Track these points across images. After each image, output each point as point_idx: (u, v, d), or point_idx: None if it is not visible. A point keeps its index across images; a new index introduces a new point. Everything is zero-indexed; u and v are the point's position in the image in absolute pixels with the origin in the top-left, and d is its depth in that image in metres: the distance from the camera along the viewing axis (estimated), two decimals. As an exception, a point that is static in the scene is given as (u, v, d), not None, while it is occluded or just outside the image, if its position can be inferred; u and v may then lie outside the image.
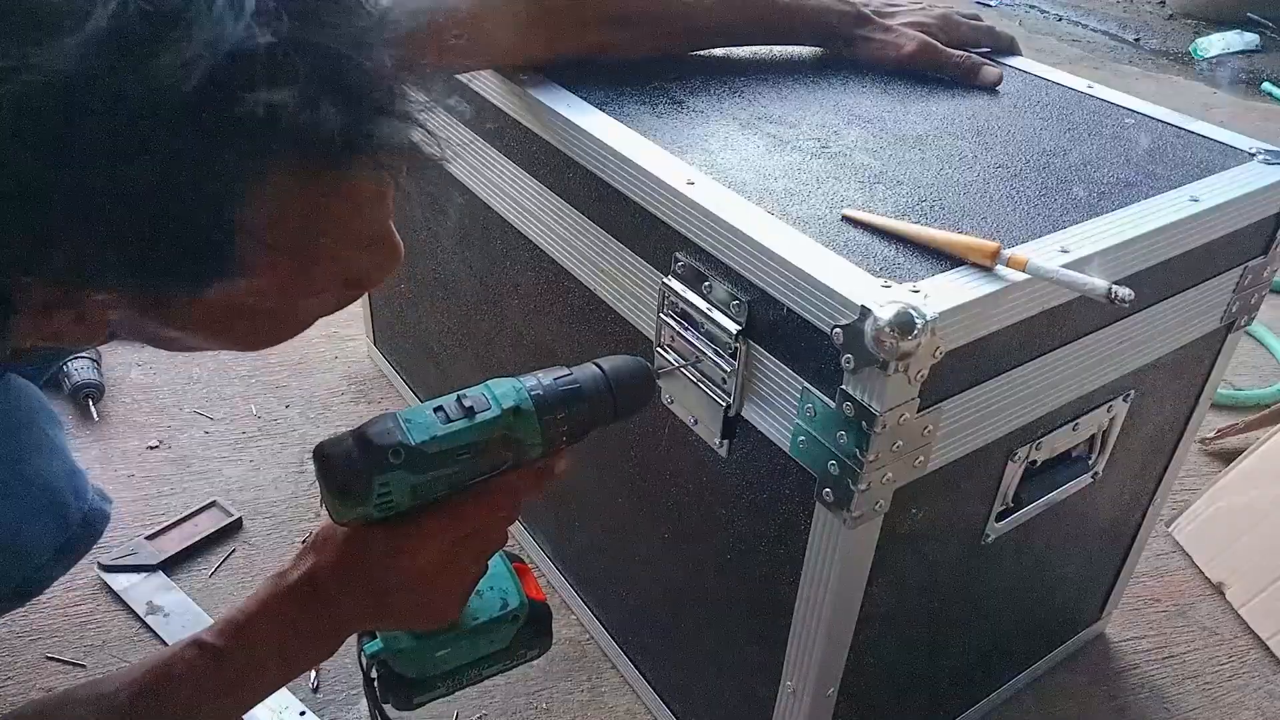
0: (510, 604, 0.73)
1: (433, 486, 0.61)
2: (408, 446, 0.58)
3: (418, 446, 0.59)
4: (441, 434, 0.60)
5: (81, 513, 0.81)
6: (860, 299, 0.64)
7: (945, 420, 0.72)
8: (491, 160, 1.02)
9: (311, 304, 0.57)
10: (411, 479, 0.59)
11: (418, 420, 0.60)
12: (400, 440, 0.58)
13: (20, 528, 0.76)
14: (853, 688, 0.85)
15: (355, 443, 0.59)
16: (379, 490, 0.58)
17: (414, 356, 1.47)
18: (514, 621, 0.73)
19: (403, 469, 0.58)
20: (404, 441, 0.58)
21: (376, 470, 0.58)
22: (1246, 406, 1.66)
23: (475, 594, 0.71)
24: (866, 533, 0.74)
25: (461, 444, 0.60)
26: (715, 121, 0.90)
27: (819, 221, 0.75)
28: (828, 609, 0.77)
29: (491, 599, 0.72)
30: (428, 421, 0.60)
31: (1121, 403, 0.91)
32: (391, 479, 0.58)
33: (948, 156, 0.86)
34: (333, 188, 0.50)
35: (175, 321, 0.52)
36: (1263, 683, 1.21)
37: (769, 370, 0.74)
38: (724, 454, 0.82)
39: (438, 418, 0.60)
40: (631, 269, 0.85)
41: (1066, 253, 0.72)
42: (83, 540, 0.83)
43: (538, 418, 0.63)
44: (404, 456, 0.58)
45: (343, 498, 0.59)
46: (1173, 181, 0.84)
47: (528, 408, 0.63)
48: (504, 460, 0.63)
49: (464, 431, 0.60)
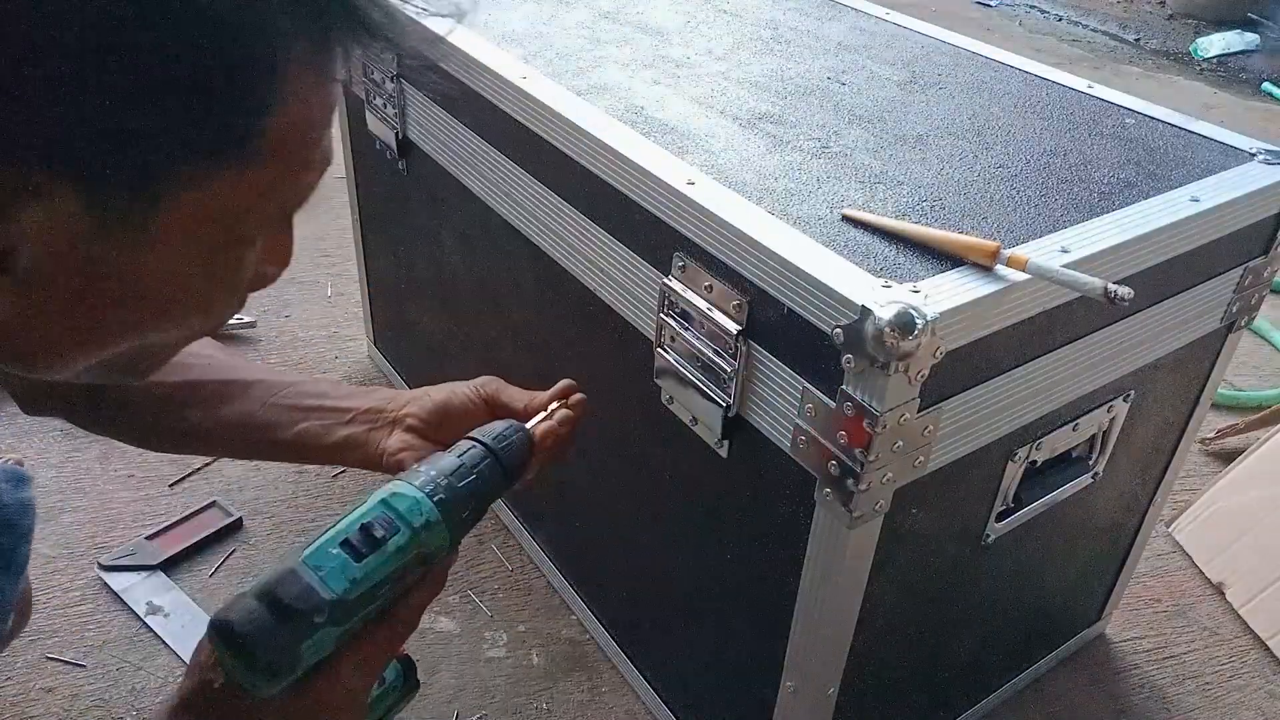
0: (388, 678, 0.69)
1: (354, 628, 0.57)
2: (330, 602, 0.54)
3: (339, 598, 0.54)
4: (360, 575, 0.55)
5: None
6: (861, 299, 0.64)
7: (945, 420, 0.72)
8: (492, 160, 1.02)
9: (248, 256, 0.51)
10: (336, 632, 0.55)
11: (328, 566, 0.55)
12: (321, 599, 0.53)
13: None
14: (853, 687, 0.85)
15: (269, 611, 0.52)
16: (307, 656, 0.54)
17: (414, 356, 1.47)
18: (392, 692, 0.70)
19: (328, 625, 0.54)
20: (324, 599, 0.53)
21: (301, 638, 0.53)
22: (1246, 406, 1.67)
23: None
24: (867, 533, 0.74)
25: (380, 578, 0.56)
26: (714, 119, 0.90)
27: (819, 221, 0.75)
28: (828, 609, 0.77)
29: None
30: (340, 565, 0.55)
31: (1122, 403, 0.91)
32: (318, 639, 0.54)
33: (948, 157, 0.86)
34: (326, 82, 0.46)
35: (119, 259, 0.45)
36: (1263, 683, 1.21)
37: (769, 370, 0.74)
38: (724, 454, 0.82)
39: (346, 554, 0.56)
40: (631, 269, 0.85)
41: (1067, 252, 0.72)
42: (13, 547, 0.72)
43: (446, 526, 0.60)
44: (328, 613, 0.53)
45: (269, 676, 0.53)
46: (1173, 181, 0.84)
47: (436, 519, 0.59)
48: (416, 576, 0.60)
49: (381, 566, 0.57)
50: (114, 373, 0.54)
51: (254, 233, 0.50)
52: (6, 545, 0.71)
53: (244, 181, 0.45)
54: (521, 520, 1.29)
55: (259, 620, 0.52)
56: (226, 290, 0.51)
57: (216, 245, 0.48)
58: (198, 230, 0.45)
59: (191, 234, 0.45)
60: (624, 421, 0.94)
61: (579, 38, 1.08)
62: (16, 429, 1.44)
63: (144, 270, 0.46)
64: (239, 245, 0.49)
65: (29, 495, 0.74)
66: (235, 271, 0.51)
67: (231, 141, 0.43)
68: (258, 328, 1.69)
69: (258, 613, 0.52)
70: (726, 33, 1.13)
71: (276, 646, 0.52)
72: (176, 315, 0.50)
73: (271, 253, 0.53)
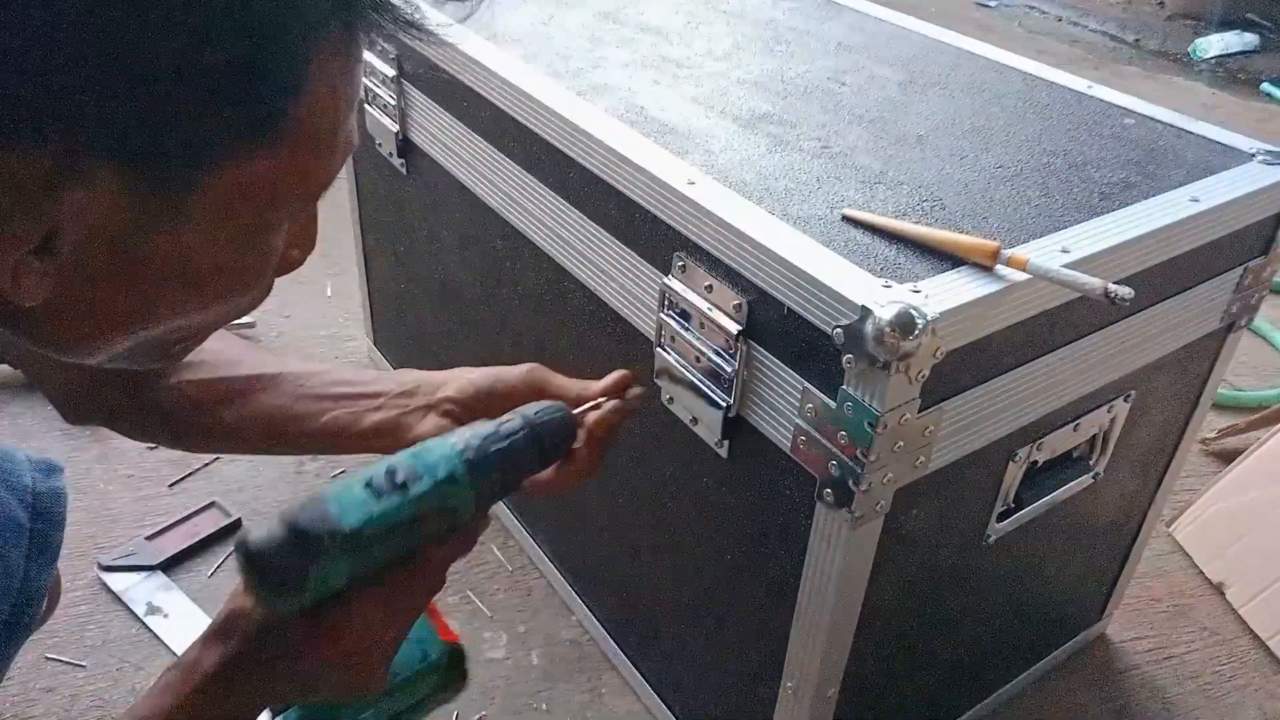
0: (430, 654, 0.69)
1: (368, 565, 0.58)
2: (343, 533, 0.55)
3: (353, 531, 0.56)
4: (376, 514, 0.57)
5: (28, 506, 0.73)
6: (861, 299, 0.64)
7: (946, 420, 0.72)
8: (491, 159, 1.02)
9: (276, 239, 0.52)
10: (347, 564, 0.56)
11: (348, 500, 0.57)
12: (334, 526, 0.55)
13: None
14: (854, 688, 0.85)
15: (285, 532, 0.55)
16: (315, 581, 0.55)
17: (415, 357, 1.47)
18: (435, 671, 0.70)
19: (339, 554, 0.55)
20: (338, 528, 0.55)
21: (312, 561, 0.55)
22: (1246, 406, 1.67)
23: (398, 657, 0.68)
24: (868, 533, 0.74)
25: (397, 521, 0.57)
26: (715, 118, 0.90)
27: (820, 221, 0.75)
28: (829, 609, 0.77)
29: (410, 652, 0.69)
30: (359, 500, 0.57)
31: (1122, 403, 0.90)
32: (328, 567, 0.55)
33: (948, 157, 0.86)
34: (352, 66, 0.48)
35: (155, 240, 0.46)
36: (1263, 683, 1.21)
37: (769, 370, 0.74)
38: (724, 454, 0.82)
39: (369, 495, 0.57)
40: (631, 269, 0.85)
41: (1067, 253, 0.72)
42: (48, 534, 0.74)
43: (471, 483, 0.61)
44: (339, 542, 0.55)
45: (277, 592, 0.55)
46: (1173, 182, 0.84)
47: (461, 475, 0.60)
48: (439, 530, 0.60)
49: (399, 508, 0.58)
50: (145, 358, 0.55)
51: (283, 215, 0.51)
52: (40, 532, 0.73)
53: (274, 163, 0.46)
54: (521, 521, 1.29)
55: (273, 537, 0.54)
56: (256, 272, 0.53)
57: (248, 226, 0.49)
58: (230, 211, 0.47)
59: (224, 215, 0.47)
60: (626, 422, 0.94)
61: (579, 38, 1.08)
62: (18, 430, 1.44)
63: (178, 252, 0.47)
64: (269, 227, 0.51)
65: (61, 484, 0.76)
66: (265, 253, 0.52)
67: (263, 124, 0.44)
68: (257, 328, 1.69)
69: (274, 532, 0.54)
70: (726, 33, 1.13)
71: (285, 564, 0.54)
72: (208, 297, 0.51)
73: (298, 236, 0.55)
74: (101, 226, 0.43)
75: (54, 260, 0.44)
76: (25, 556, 0.72)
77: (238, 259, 0.50)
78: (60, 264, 0.44)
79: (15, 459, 0.75)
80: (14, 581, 0.71)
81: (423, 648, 0.70)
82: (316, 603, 0.57)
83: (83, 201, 0.42)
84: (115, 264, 0.46)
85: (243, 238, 0.49)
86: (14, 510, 0.72)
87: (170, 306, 0.50)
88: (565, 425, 0.67)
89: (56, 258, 0.44)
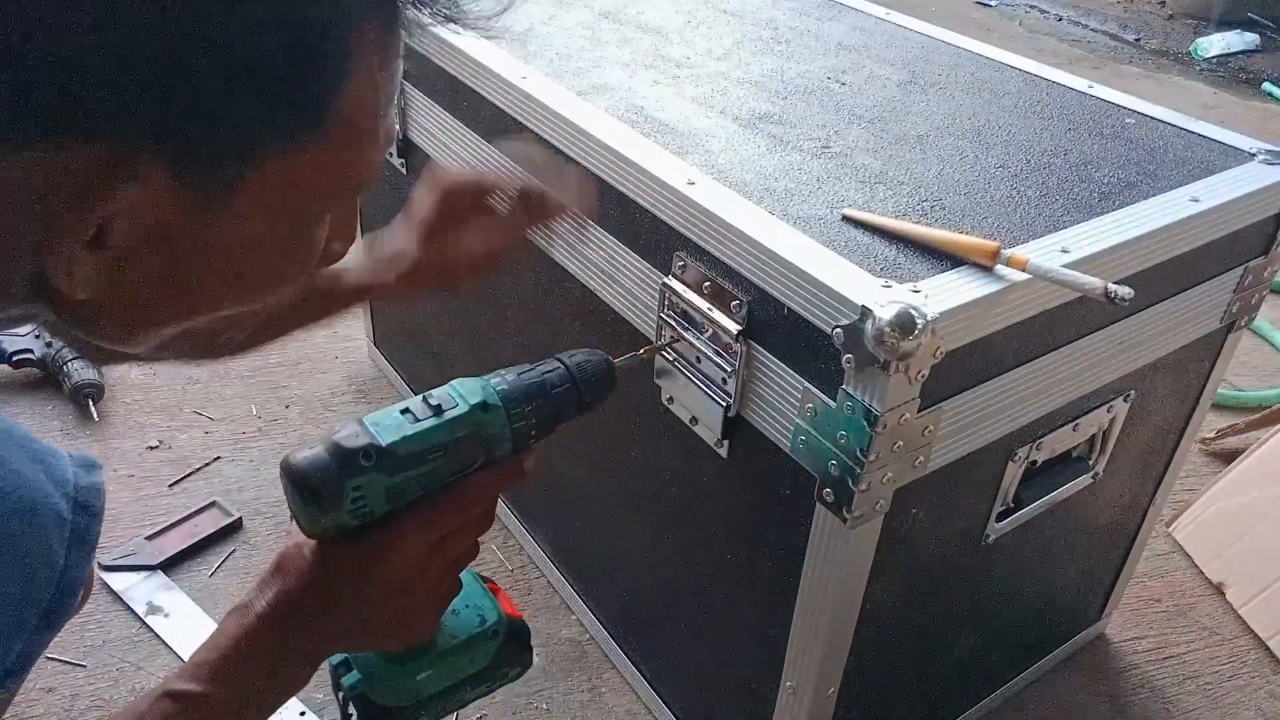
0: (488, 619, 0.71)
1: (406, 488, 0.60)
2: (378, 448, 0.58)
3: (389, 448, 0.58)
4: (411, 434, 0.59)
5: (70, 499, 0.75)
6: (861, 299, 0.64)
7: (946, 420, 0.72)
8: (492, 160, 1.02)
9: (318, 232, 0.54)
10: (385, 481, 0.58)
11: (386, 423, 0.60)
12: (370, 442, 0.58)
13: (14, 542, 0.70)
14: (853, 688, 0.85)
15: (325, 450, 0.58)
16: (352, 495, 0.57)
17: (414, 357, 1.47)
18: (493, 638, 0.71)
19: (375, 471, 0.57)
20: (374, 443, 0.58)
21: (348, 475, 0.57)
22: (1246, 406, 1.66)
23: (451, 613, 0.70)
24: (867, 533, 0.74)
25: (433, 443, 0.60)
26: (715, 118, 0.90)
27: (820, 222, 0.75)
28: (828, 609, 0.77)
29: (468, 616, 0.71)
30: (396, 423, 0.59)
31: (1122, 403, 0.90)
32: (364, 482, 0.57)
33: (948, 157, 0.86)
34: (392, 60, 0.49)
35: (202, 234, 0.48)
36: (1263, 683, 1.21)
37: (769, 370, 0.74)
38: (724, 454, 0.82)
39: (405, 419, 0.60)
40: (632, 269, 0.85)
41: (1067, 253, 0.72)
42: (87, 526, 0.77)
43: (505, 412, 0.63)
44: (375, 459, 0.57)
45: (316, 505, 0.57)
46: (1173, 181, 0.84)
47: (495, 402, 0.63)
48: (475, 458, 0.63)
49: (434, 430, 0.60)
50: (192, 350, 0.58)
51: (326, 207, 0.53)
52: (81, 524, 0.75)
53: (318, 157, 0.48)
54: (521, 520, 1.29)
55: (313, 456, 0.57)
56: (301, 265, 0.54)
57: (292, 219, 0.50)
58: (276, 205, 0.48)
59: (270, 208, 0.48)
60: (624, 421, 0.94)
61: (579, 37, 1.08)
62: (17, 429, 1.44)
63: (225, 244, 0.48)
64: (313, 220, 0.52)
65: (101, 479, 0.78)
66: (309, 246, 0.54)
67: (308, 117, 0.46)
68: (258, 328, 1.69)
69: (315, 451, 0.57)
70: (726, 32, 1.13)
71: (323, 478, 0.56)
72: (254, 289, 0.53)
73: (339, 229, 0.56)
74: (151, 220, 0.45)
75: (105, 254, 0.45)
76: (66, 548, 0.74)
77: (283, 251, 0.52)
78: (111, 257, 0.45)
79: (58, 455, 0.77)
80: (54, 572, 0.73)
81: (481, 614, 0.71)
82: (360, 527, 0.59)
83: (134, 195, 0.43)
84: (164, 257, 0.47)
85: (288, 230, 0.51)
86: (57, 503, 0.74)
87: (216, 298, 0.52)
88: (602, 367, 0.69)
89: (108, 251, 0.45)
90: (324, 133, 0.47)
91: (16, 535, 0.71)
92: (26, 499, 0.72)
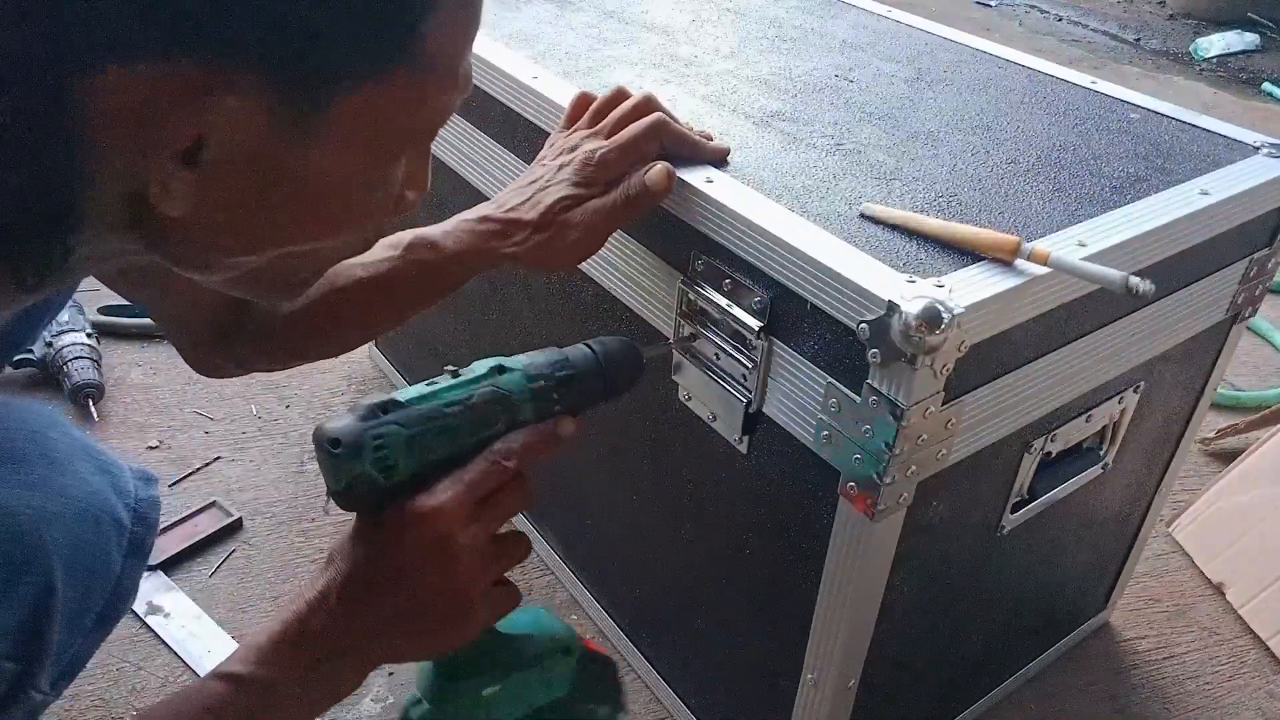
0: (558, 636, 0.70)
1: (428, 442, 0.61)
2: (396, 402, 0.60)
3: (407, 402, 0.61)
4: (429, 392, 0.62)
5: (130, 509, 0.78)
6: (887, 294, 0.65)
7: (967, 413, 0.73)
8: (498, 158, 1.02)
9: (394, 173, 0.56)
10: (405, 432, 0.60)
11: (410, 389, 0.62)
12: (390, 399, 0.60)
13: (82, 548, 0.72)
14: (871, 679, 0.86)
15: (348, 410, 0.61)
16: (373, 444, 0.59)
17: (417, 357, 1.47)
18: (566, 654, 0.70)
19: (395, 423, 0.59)
20: (394, 399, 0.60)
21: (369, 425, 0.59)
22: (1246, 406, 1.67)
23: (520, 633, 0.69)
24: (890, 525, 0.75)
25: (450, 399, 0.62)
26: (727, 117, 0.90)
27: (839, 218, 0.75)
28: (851, 601, 0.78)
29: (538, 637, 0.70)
30: (419, 387, 0.63)
31: (1132, 394, 0.92)
32: (384, 432, 0.59)
33: (960, 153, 0.87)
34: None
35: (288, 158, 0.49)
36: (1263, 683, 1.22)
37: (791, 366, 0.75)
38: (744, 450, 0.82)
39: (427, 384, 0.63)
40: (650, 269, 0.86)
41: (1084, 246, 0.73)
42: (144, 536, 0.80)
43: (523, 375, 0.65)
44: (394, 410, 0.60)
45: (338, 451, 0.59)
46: (1182, 175, 0.85)
47: (512, 365, 0.65)
48: (496, 417, 0.64)
49: (451, 388, 0.63)
50: (269, 286, 0.60)
51: (404, 146, 0.55)
52: (139, 534, 0.79)
53: (401, 90, 0.50)
54: (531, 519, 1.29)
55: (338, 415, 0.60)
56: (379, 205, 0.56)
57: (372, 154, 0.52)
58: (358, 137, 0.50)
59: (352, 140, 0.50)
60: (639, 418, 0.95)
61: (586, 37, 1.08)
62: (18, 434, 1.43)
63: (309, 172, 0.50)
64: (391, 157, 0.54)
65: (156, 492, 0.83)
66: (386, 185, 0.56)
67: (395, 47, 0.48)
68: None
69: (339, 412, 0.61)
70: (732, 31, 1.13)
71: (345, 428, 0.59)
72: (332, 223, 0.55)
73: (411, 178, 0.58)
74: (244, 142, 0.46)
75: (199, 171, 0.46)
76: (124, 556, 0.77)
77: (360, 188, 0.54)
78: (204, 176, 0.47)
79: (120, 466, 0.80)
80: (111, 579, 0.76)
81: (551, 633, 0.71)
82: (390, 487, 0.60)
83: (230, 110, 0.45)
84: (253, 180, 0.49)
85: (367, 165, 0.53)
86: (119, 512, 0.77)
87: (297, 229, 0.54)
88: (628, 352, 0.71)
89: (202, 169, 0.46)
90: (409, 65, 0.49)
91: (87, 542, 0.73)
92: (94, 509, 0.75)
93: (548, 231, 0.78)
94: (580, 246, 0.79)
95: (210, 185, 0.47)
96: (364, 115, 0.49)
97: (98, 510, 0.74)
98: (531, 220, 0.78)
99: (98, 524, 0.74)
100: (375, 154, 0.52)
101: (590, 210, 0.77)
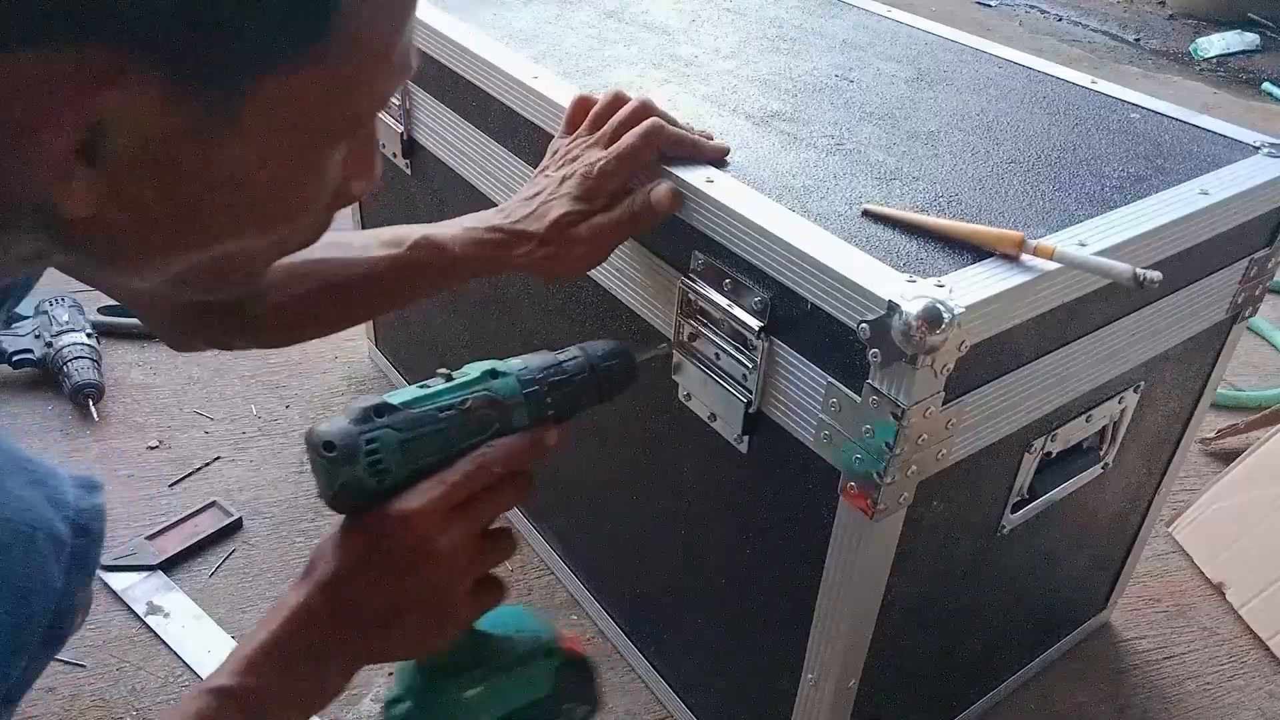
0: (541, 638, 0.70)
1: (421, 447, 0.61)
2: (390, 405, 0.60)
3: (400, 405, 0.60)
4: (421, 395, 0.62)
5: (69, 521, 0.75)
6: (887, 294, 0.65)
7: (968, 413, 0.73)
8: (498, 158, 1.02)
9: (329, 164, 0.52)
10: (398, 436, 0.60)
11: (402, 391, 0.62)
12: (383, 402, 0.60)
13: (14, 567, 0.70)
14: (871, 679, 0.86)
15: (342, 413, 0.60)
16: (366, 448, 0.59)
17: (417, 358, 1.47)
18: (548, 657, 0.70)
19: (388, 426, 0.59)
20: (387, 402, 0.60)
21: (363, 429, 0.59)
22: (1246, 406, 1.67)
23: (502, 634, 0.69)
24: (890, 525, 0.75)
25: (443, 402, 0.62)
26: (727, 116, 0.90)
27: (839, 217, 0.75)
28: (851, 601, 0.78)
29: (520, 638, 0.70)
30: (411, 390, 0.63)
31: (1132, 394, 0.92)
32: (378, 436, 0.59)
33: (960, 152, 0.87)
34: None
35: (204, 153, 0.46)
36: (1263, 683, 1.22)
37: (791, 365, 0.75)
38: (743, 450, 0.82)
39: (419, 387, 0.63)
40: (650, 269, 0.86)
41: (1085, 246, 0.73)
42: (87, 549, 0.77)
43: (517, 379, 0.65)
44: (387, 414, 0.60)
45: (331, 455, 0.58)
46: (1182, 175, 0.85)
47: (505, 369, 0.65)
48: (490, 422, 0.64)
49: (444, 391, 0.63)
50: (203, 284, 0.56)
51: (335, 135, 0.50)
52: (80, 547, 0.75)
53: (325, 71, 0.45)
54: (530, 518, 1.29)
55: (332, 419, 0.60)
56: (312, 196, 0.52)
57: (299, 145, 0.49)
58: (281, 123, 0.46)
59: (275, 127, 0.46)
60: (638, 418, 0.95)
61: (586, 37, 1.08)
62: (18, 429, 1.43)
63: (229, 165, 0.46)
64: (321, 145, 0.50)
65: (101, 501, 0.78)
66: (320, 176, 0.52)
67: (313, 29, 0.44)
68: (256, 329, 1.68)
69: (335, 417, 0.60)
70: (731, 31, 1.13)
71: (339, 432, 0.59)
72: (261, 218, 0.51)
73: (355, 166, 0.55)
74: (149, 134, 0.43)
75: (101, 168, 0.43)
76: (65, 571, 0.73)
77: (291, 178, 0.50)
78: (109, 174, 0.43)
79: (58, 475, 0.76)
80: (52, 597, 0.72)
81: (534, 635, 0.70)
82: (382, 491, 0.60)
83: (125, 104, 0.41)
84: (165, 175, 0.45)
85: (294, 157, 0.49)
86: (56, 526, 0.73)
87: (223, 226, 0.50)
88: (619, 355, 0.71)
89: (103, 166, 0.43)
90: (330, 48, 0.45)
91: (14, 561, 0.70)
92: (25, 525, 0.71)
93: (554, 245, 0.79)
94: (585, 260, 0.80)
95: (118, 183, 0.44)
96: (284, 103, 0.45)
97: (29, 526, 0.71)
98: (538, 233, 0.79)
99: (31, 541, 0.71)
100: (301, 144, 0.49)
101: (596, 225, 0.79)
